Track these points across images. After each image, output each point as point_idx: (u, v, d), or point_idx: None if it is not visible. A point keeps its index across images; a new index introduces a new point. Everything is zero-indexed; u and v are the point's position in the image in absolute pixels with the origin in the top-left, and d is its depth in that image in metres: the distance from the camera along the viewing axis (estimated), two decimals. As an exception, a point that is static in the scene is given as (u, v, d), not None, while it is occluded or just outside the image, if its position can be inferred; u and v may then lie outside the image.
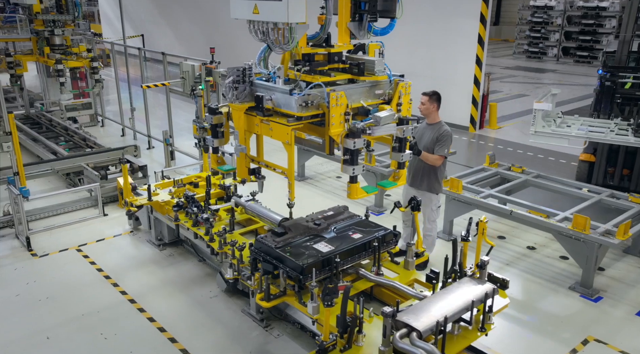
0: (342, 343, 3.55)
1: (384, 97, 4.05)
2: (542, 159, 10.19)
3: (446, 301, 3.68)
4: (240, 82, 3.96)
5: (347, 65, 4.10)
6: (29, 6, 9.24)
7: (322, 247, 4.28)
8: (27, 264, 6.16)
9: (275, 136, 3.89)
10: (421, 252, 4.81)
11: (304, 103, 3.64)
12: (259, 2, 3.61)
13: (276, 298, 4.22)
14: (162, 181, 6.65)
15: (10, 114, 6.37)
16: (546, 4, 22.82)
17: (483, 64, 11.37)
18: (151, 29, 21.82)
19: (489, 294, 3.75)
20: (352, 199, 4.14)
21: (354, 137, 3.65)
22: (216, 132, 4.29)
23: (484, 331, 3.76)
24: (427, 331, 3.35)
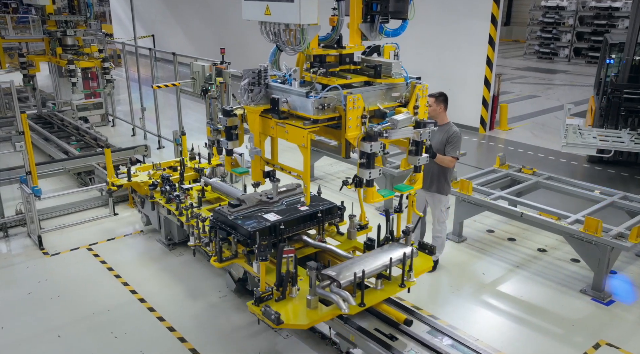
0: (278, 294, 3.98)
1: (401, 100, 4.02)
2: (553, 161, 10.11)
3: (369, 261, 4.18)
4: (255, 85, 3.94)
5: (358, 67, 4.09)
6: (41, 7, 9.32)
7: (270, 217, 4.73)
8: (39, 262, 6.21)
9: (290, 139, 3.87)
10: (364, 225, 5.05)
11: (320, 106, 3.62)
12: (271, 4, 3.59)
13: (228, 260, 4.65)
14: (143, 165, 7.23)
15: (23, 114, 6.43)
16: (558, 5, 22.66)
17: (494, 65, 11.31)
18: (162, 29, 21.94)
19: (408, 255, 4.19)
20: (368, 203, 4.14)
21: (370, 141, 3.63)
22: (230, 134, 4.27)
23: (404, 286, 4.19)
24: (346, 282, 3.88)
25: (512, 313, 5.36)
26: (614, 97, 9.06)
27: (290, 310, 3.92)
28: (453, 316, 5.26)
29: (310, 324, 3.93)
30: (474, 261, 6.34)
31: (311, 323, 3.92)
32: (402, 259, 4.16)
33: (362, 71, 4.06)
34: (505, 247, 6.67)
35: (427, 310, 5.25)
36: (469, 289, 5.77)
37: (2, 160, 8.47)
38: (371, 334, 4.10)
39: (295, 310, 3.93)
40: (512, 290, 5.76)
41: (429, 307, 5.35)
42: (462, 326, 5.05)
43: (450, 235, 6.88)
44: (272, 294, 3.98)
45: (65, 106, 11.87)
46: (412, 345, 4.02)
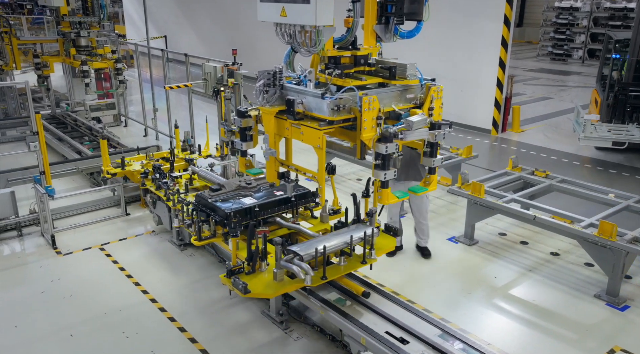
0: (248, 268, 4.26)
1: (416, 101, 4.02)
2: (567, 164, 10.01)
3: (332, 239, 4.44)
4: (270, 86, 3.94)
5: (373, 68, 4.08)
6: (56, 8, 9.42)
7: (247, 201, 5.02)
8: (52, 261, 6.27)
9: (306, 140, 3.90)
10: (337, 209, 5.22)
11: (335, 107, 3.63)
12: (287, 5, 3.63)
13: (207, 239, 4.98)
14: (137, 155, 7.63)
15: (38, 114, 6.48)
16: (572, 5, 22.44)
17: (506, 66, 11.22)
18: (174, 30, 22.07)
19: (369, 234, 4.39)
20: (383, 204, 4.18)
21: (386, 142, 3.67)
22: (245, 135, 4.29)
23: (365, 263, 4.43)
24: (307, 256, 4.17)
25: (525, 317, 5.31)
26: (620, 95, 9.76)
27: (258, 282, 4.20)
28: (464, 319, 5.22)
29: (275, 294, 4.33)
30: (485, 265, 6.29)
31: (275, 293, 4.30)
32: (363, 237, 4.37)
33: (376, 73, 4.07)
34: (518, 250, 6.61)
35: (438, 313, 5.22)
36: (481, 293, 5.72)
37: (16, 160, 8.56)
38: (332, 304, 4.52)
39: (263, 282, 4.22)
40: (524, 294, 5.71)
41: (440, 310, 5.31)
42: (473, 330, 5.01)
43: (461, 238, 6.84)
44: (243, 268, 4.24)
45: (79, 106, 11.97)
46: (423, 348, 4.00)
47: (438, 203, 8.05)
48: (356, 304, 4.60)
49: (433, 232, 7.07)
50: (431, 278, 6.03)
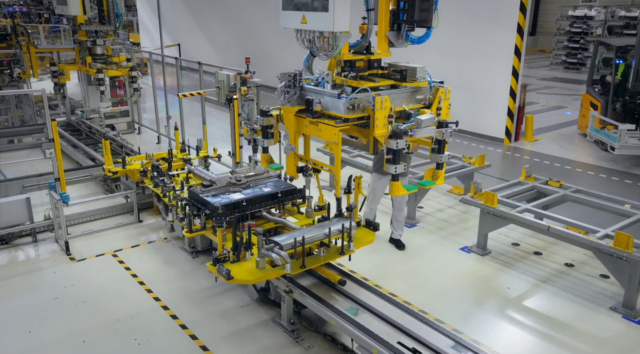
0: (233, 257, 4.63)
1: (425, 102, 4.29)
2: (581, 173, 9.92)
3: (312, 231, 4.80)
4: (291, 87, 4.28)
5: (385, 71, 4.39)
6: (73, 17, 9.55)
7: (236, 196, 5.37)
8: (66, 268, 6.32)
9: (323, 136, 4.20)
10: (322, 206, 5.48)
11: (351, 106, 3.94)
12: (307, 13, 3.96)
13: (198, 231, 5.38)
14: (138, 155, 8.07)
15: (54, 122, 6.56)
16: (586, 14, 22.31)
17: (519, 75, 11.16)
18: (187, 39, 22.29)
19: (347, 227, 4.71)
20: (393, 196, 4.45)
21: (396, 138, 3.92)
22: (266, 133, 4.62)
23: (343, 254, 4.76)
24: (287, 246, 4.52)
25: (539, 329, 5.24)
26: (630, 103, 10.22)
27: (241, 269, 4.55)
28: (477, 330, 5.17)
29: (256, 280, 4.71)
30: (498, 275, 6.24)
31: (256, 280, 4.67)
32: (341, 230, 4.68)
33: (389, 75, 4.38)
34: (531, 261, 6.55)
35: (451, 324, 5.17)
36: (494, 304, 5.67)
37: (32, 166, 8.68)
38: (310, 290, 4.84)
39: (246, 269, 4.57)
40: (538, 305, 5.64)
41: (453, 320, 5.27)
42: (486, 341, 4.96)
43: (474, 248, 6.79)
44: (228, 257, 4.63)
45: (93, 113, 12.11)
46: (435, 360, 3.97)
47: (450, 212, 8.01)
48: (368, 314, 4.58)
49: (445, 242, 7.05)
50: (443, 287, 5.98)
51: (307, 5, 3.95)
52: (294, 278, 4.99)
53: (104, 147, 7.50)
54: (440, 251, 6.82)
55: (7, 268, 6.33)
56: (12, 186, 7.48)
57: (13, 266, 6.38)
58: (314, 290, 4.88)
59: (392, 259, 6.63)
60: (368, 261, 6.50)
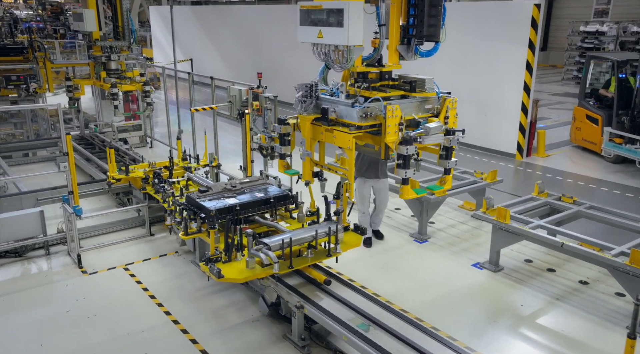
0: (225, 258, 4.89)
1: (433, 111, 4.51)
2: (594, 189, 9.82)
3: (300, 233, 5.06)
4: (308, 97, 4.55)
5: (396, 83, 4.65)
6: (89, 33, 9.71)
7: (230, 201, 5.63)
8: (78, 281, 6.35)
9: (338, 142, 4.46)
10: (313, 211, 5.67)
11: (364, 114, 4.19)
12: (323, 28, 4.24)
13: (193, 234, 5.62)
14: (141, 163, 8.28)
15: (68, 136, 6.65)
16: (597, 30, 22.28)
17: (531, 90, 11.14)
18: (200, 54, 22.55)
19: (333, 230, 4.96)
20: (403, 199, 4.68)
21: (406, 145, 4.16)
22: (284, 140, 4.86)
23: (330, 256, 5.02)
24: (275, 246, 4.79)
25: (553, 348, 5.16)
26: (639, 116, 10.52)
27: (231, 269, 4.81)
28: (490, 348, 5.10)
29: (245, 279, 4.92)
30: (511, 292, 6.16)
31: (245, 278, 4.89)
32: (327, 232, 4.96)
33: (399, 86, 4.64)
34: (545, 278, 6.46)
35: (463, 341, 5.11)
36: (507, 321, 5.59)
37: (46, 179, 8.77)
38: (296, 289, 5.10)
39: (236, 269, 4.82)
40: (552, 323, 5.56)
41: (465, 338, 5.20)
42: (500, 360, 4.89)
43: (486, 264, 6.73)
44: (220, 257, 4.89)
45: (106, 127, 12.24)
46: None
47: (462, 228, 7.95)
48: (380, 330, 4.55)
49: (457, 258, 7.00)
50: (455, 304, 5.92)
51: (323, 21, 4.22)
52: (282, 277, 5.25)
53: (108, 156, 7.73)
54: (452, 267, 6.77)
55: (20, 280, 6.37)
56: (26, 199, 7.56)
57: (26, 278, 6.42)
58: (301, 289, 5.15)
59: (403, 274, 6.59)
60: (380, 276, 6.46)
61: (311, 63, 4.62)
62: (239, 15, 20.65)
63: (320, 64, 4.75)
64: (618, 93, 11.02)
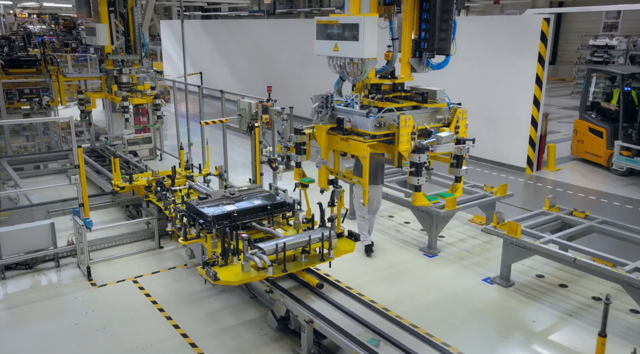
0: (222, 261, 5.08)
1: (444, 121, 4.68)
2: (606, 204, 9.73)
3: (294, 238, 5.21)
4: (324, 107, 4.72)
5: (408, 94, 4.83)
6: (101, 47, 9.83)
7: (228, 207, 5.80)
8: (87, 293, 6.35)
9: (352, 150, 4.63)
10: (309, 219, 5.86)
11: (377, 124, 4.39)
12: (339, 42, 4.44)
13: (192, 239, 5.73)
14: (145, 172, 8.49)
15: (80, 148, 6.70)
16: (607, 44, 22.24)
17: (541, 104, 11.11)
18: (209, 67, 22.75)
19: (326, 236, 5.16)
20: (416, 205, 4.83)
21: (419, 153, 4.31)
22: (300, 149, 5.03)
23: (323, 260, 5.23)
24: (269, 251, 4.96)
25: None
26: None
27: (227, 272, 4.98)
28: (502, 365, 5.03)
29: (240, 282, 5.10)
30: (523, 308, 6.08)
31: (241, 281, 5.07)
32: (320, 238, 5.14)
33: (411, 97, 4.81)
34: (557, 294, 6.38)
35: (475, 358, 5.04)
36: (519, 337, 5.51)
37: (56, 191, 8.83)
38: (290, 292, 5.27)
39: (232, 272, 4.99)
40: (565, 340, 5.48)
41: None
42: (512, 377, 4.81)
43: (497, 279, 6.66)
44: (217, 261, 5.07)
45: (117, 140, 12.33)
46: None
47: (472, 242, 7.89)
48: (390, 345, 4.50)
49: (467, 272, 6.94)
50: (466, 319, 5.85)
51: (339, 35, 4.43)
52: (276, 281, 5.44)
53: (112, 165, 7.91)
54: (462, 282, 6.70)
55: (30, 292, 6.39)
56: (37, 211, 7.60)
57: (36, 290, 6.43)
58: (294, 292, 5.33)
59: (413, 289, 6.53)
60: (389, 290, 6.41)
61: (320, 76, 4.72)
62: (248, 30, 20.85)
63: (333, 76, 4.91)
64: (623, 106, 11.12)
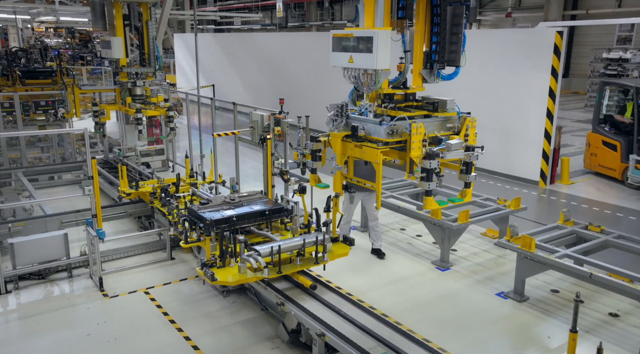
0: (220, 263, 5.35)
1: (454, 129, 4.88)
2: (622, 218, 9.59)
3: (289, 242, 5.46)
4: (339, 116, 4.97)
5: (420, 103, 5.05)
6: (116, 60, 9.96)
7: (228, 212, 6.04)
8: (99, 304, 6.37)
9: (366, 157, 4.84)
10: (307, 224, 6.07)
11: (390, 131, 4.60)
12: (354, 54, 4.68)
13: (193, 243, 6.01)
14: (151, 179, 8.70)
15: (94, 160, 6.76)
16: (621, 56, 22.13)
17: (554, 117, 11.03)
18: (221, 80, 22.94)
19: (320, 240, 5.41)
20: (426, 209, 5.14)
21: (430, 159, 4.50)
22: (315, 156, 5.25)
23: (318, 263, 5.49)
24: (265, 253, 5.19)
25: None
26: None
27: (225, 273, 5.25)
28: (517, 382, 4.94)
29: (237, 282, 5.38)
30: (537, 323, 5.99)
31: (237, 282, 5.35)
32: (315, 241, 5.38)
33: (422, 107, 5.01)
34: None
35: (489, 374, 4.95)
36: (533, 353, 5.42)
37: (69, 202, 8.90)
38: (285, 293, 5.49)
39: (229, 273, 5.26)
40: (581, 357, 5.36)
41: (491, 371, 5.05)
42: (527, 395, 4.72)
43: (511, 293, 6.57)
44: (215, 263, 5.35)
45: (130, 151, 12.44)
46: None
47: (485, 256, 7.81)
48: (402, 361, 4.44)
49: (480, 287, 6.86)
50: (479, 334, 5.77)
51: (354, 47, 4.67)
52: (271, 282, 5.66)
53: (119, 172, 8.18)
54: (475, 296, 6.62)
55: (42, 303, 6.42)
56: (51, 222, 7.66)
57: (48, 301, 6.46)
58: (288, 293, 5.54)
59: (425, 302, 6.46)
60: (401, 304, 6.35)
61: (332, 88, 4.81)
62: (260, 43, 21.04)
63: (344, 88, 5.12)
64: (637, 119, 11.02)
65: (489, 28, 30.06)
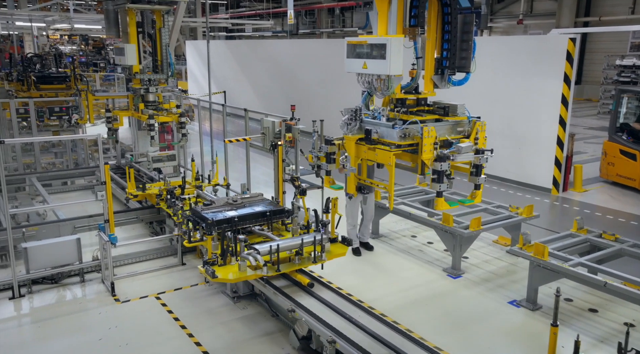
0: (221, 261, 5.49)
1: (464, 133, 5.03)
2: (636, 226, 9.47)
3: (288, 241, 5.66)
4: (353, 120, 5.14)
5: (431, 108, 5.16)
6: (129, 67, 10.06)
7: (230, 213, 6.24)
8: (110, 309, 6.40)
9: (379, 159, 4.98)
10: (306, 225, 6.20)
11: (403, 135, 4.75)
12: (368, 60, 4.82)
13: (196, 242, 6.21)
14: (157, 182, 9.00)
15: (106, 165, 6.82)
16: (634, 63, 21.96)
17: (567, 124, 10.95)
18: (233, 86, 23.07)
19: (317, 240, 5.56)
20: (438, 210, 5.32)
21: (441, 161, 4.64)
22: (330, 158, 5.40)
23: (316, 262, 5.60)
24: (264, 251, 5.36)
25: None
26: None
27: (225, 271, 5.39)
28: (530, 392, 4.87)
29: (236, 279, 5.51)
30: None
31: (237, 279, 5.47)
32: (312, 241, 5.53)
33: (434, 111, 5.14)
34: (586, 319, 6.20)
35: (502, 384, 4.90)
36: (547, 364, 5.34)
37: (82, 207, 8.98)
38: (282, 290, 5.62)
39: (229, 271, 5.40)
40: (596, 367, 5.30)
41: (503, 380, 4.99)
42: (541, 405, 4.66)
43: (523, 302, 6.51)
44: (216, 261, 5.49)
45: (142, 157, 12.52)
46: None
47: (497, 264, 7.74)
48: (414, 369, 4.41)
49: (492, 295, 6.81)
50: (491, 343, 5.71)
51: (368, 54, 4.81)
52: (270, 280, 5.79)
53: (127, 175, 8.41)
54: (487, 304, 6.56)
55: (55, 307, 6.46)
56: (64, 227, 7.74)
57: (60, 305, 6.50)
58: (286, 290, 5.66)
59: (437, 310, 6.42)
60: (412, 311, 6.31)
61: (343, 95, 4.94)
62: (271, 49, 21.14)
63: (356, 95, 5.32)
64: None
65: (500, 35, 29.97)
